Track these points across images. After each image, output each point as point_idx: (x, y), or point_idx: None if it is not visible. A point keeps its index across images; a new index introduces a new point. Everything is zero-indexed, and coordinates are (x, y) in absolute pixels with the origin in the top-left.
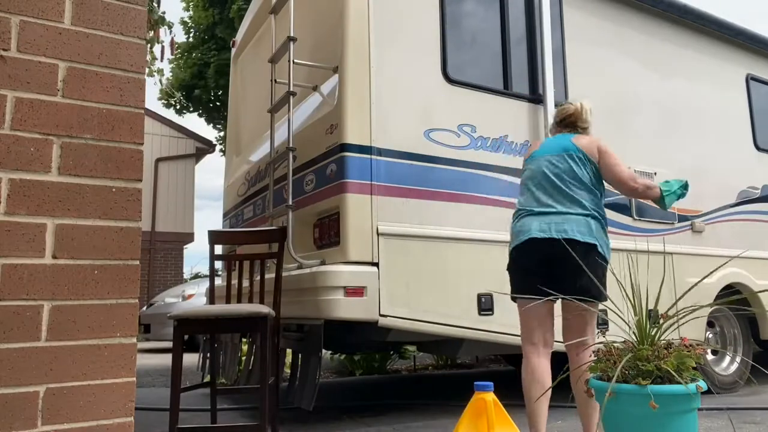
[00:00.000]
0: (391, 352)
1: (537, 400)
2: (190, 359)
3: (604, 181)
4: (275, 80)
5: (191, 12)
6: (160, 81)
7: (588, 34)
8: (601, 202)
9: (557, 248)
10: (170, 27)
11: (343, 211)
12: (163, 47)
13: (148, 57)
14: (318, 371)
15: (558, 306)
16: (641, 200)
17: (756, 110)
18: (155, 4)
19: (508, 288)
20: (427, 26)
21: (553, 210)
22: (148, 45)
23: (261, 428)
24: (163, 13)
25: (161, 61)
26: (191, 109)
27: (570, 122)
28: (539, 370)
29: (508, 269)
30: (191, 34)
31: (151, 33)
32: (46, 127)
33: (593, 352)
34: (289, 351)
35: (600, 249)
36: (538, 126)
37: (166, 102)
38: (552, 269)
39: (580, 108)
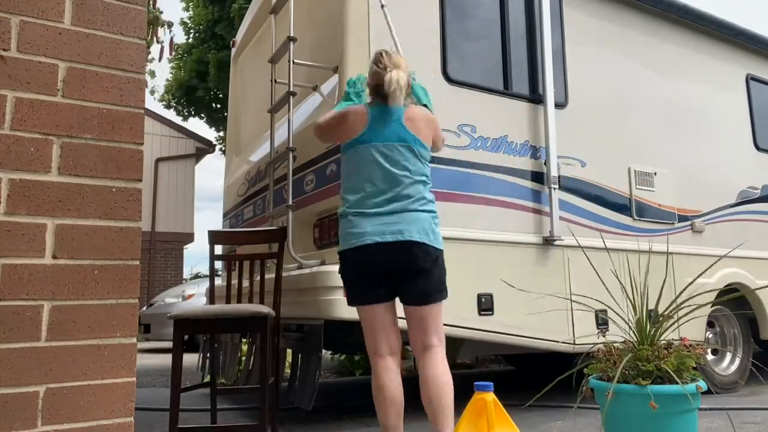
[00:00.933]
0: None
1: (391, 419)
2: (190, 359)
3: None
4: (275, 80)
5: (191, 12)
6: (151, 90)
7: (588, 34)
8: (429, 186)
9: (395, 252)
10: (170, 26)
11: None
12: (162, 47)
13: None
14: (318, 371)
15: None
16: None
17: (756, 110)
18: (149, 4)
19: (508, 288)
20: (428, 26)
21: (386, 210)
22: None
23: (261, 428)
24: (160, 12)
25: (159, 61)
26: (193, 113)
27: (383, 94)
28: (390, 387)
29: (340, 272)
30: (191, 35)
31: (150, 33)
32: (46, 127)
33: (598, 351)
34: (289, 351)
35: (437, 246)
36: (538, 126)
37: (167, 104)
38: (390, 272)
39: (389, 82)
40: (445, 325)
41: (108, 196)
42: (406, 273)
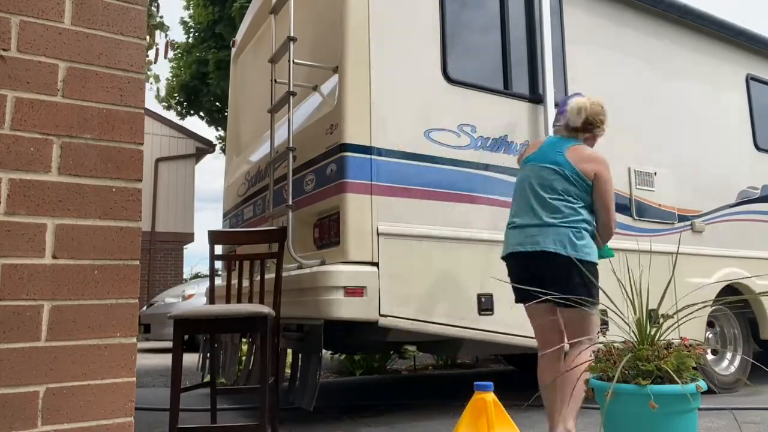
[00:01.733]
0: (391, 352)
1: (547, 394)
2: (190, 359)
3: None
4: (275, 80)
5: (191, 11)
6: (157, 89)
7: (588, 34)
8: (585, 211)
9: (532, 260)
10: (166, 31)
11: (343, 211)
12: (157, 50)
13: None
14: (318, 371)
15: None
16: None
17: (756, 110)
18: (154, 9)
19: (507, 288)
20: (428, 26)
21: (529, 223)
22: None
23: (261, 428)
24: (161, 17)
25: (155, 62)
26: (192, 112)
27: (571, 128)
28: (541, 372)
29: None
30: (191, 34)
31: (147, 37)
32: (46, 127)
33: (593, 352)
34: (289, 351)
35: (572, 256)
36: (538, 126)
37: (167, 105)
38: (534, 278)
39: (574, 111)
40: (444, 324)
41: (108, 196)
42: (545, 279)
